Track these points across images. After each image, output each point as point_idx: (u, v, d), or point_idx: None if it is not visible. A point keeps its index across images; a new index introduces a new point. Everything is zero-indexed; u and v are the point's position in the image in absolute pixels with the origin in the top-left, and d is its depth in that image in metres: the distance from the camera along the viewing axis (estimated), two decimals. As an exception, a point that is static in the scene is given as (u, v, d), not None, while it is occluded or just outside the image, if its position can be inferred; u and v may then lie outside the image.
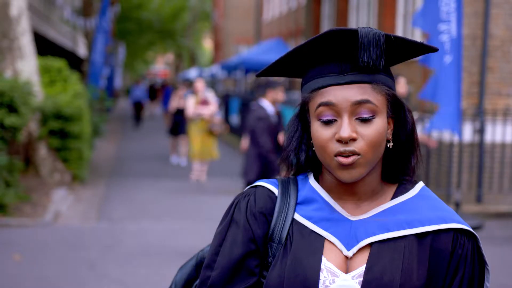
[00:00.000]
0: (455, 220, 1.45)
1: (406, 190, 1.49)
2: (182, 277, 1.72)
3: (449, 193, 9.26)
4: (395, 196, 1.48)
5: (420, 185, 1.51)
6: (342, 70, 1.41)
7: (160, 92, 30.70)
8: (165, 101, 26.91)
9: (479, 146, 9.69)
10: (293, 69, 1.51)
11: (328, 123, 1.40)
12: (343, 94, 1.39)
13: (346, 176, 1.40)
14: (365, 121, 1.39)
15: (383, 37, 1.39)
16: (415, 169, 1.51)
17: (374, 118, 1.39)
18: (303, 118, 1.49)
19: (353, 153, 1.38)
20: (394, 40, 1.41)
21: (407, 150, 1.49)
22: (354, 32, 1.39)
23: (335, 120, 1.40)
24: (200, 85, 11.43)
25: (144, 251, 6.89)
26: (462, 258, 1.43)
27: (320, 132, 1.40)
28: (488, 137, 9.73)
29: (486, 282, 1.45)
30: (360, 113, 1.39)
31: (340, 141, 1.38)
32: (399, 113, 1.46)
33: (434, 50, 1.46)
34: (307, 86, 1.46)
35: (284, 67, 1.51)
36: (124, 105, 38.09)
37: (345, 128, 1.37)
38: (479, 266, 1.45)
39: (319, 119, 1.41)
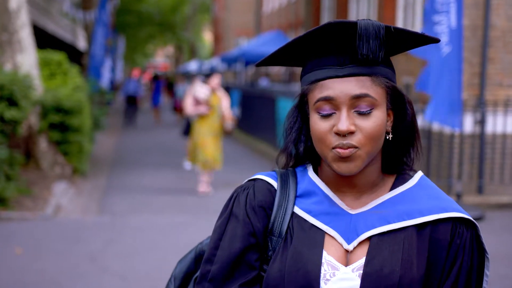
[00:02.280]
0: (455, 209, 1.45)
1: (405, 180, 1.49)
2: (181, 270, 1.71)
3: (450, 184, 9.25)
4: (394, 186, 1.48)
5: (419, 174, 1.50)
6: (341, 63, 1.40)
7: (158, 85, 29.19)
8: (155, 96, 24.68)
9: (480, 137, 9.68)
10: (293, 59, 1.50)
11: (327, 115, 1.39)
12: (342, 88, 1.38)
13: (344, 169, 1.39)
14: (363, 114, 1.38)
15: (383, 29, 1.38)
16: (414, 160, 1.51)
17: (373, 111, 1.39)
18: (302, 109, 1.48)
19: (352, 146, 1.37)
20: (394, 32, 1.40)
21: (407, 142, 1.48)
22: (353, 24, 1.38)
23: (334, 113, 1.39)
24: (217, 81, 9.65)
25: (145, 244, 6.89)
26: (461, 247, 1.43)
27: (318, 125, 1.40)
28: (489, 128, 9.71)
29: (486, 270, 1.45)
30: (358, 106, 1.38)
31: (338, 134, 1.38)
32: (399, 105, 1.46)
33: (436, 40, 1.44)
34: (306, 77, 1.45)
35: (284, 57, 1.50)
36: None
37: (343, 121, 1.37)
38: (479, 255, 1.45)
39: (318, 113, 1.40)
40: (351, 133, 1.37)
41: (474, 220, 1.45)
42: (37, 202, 8.49)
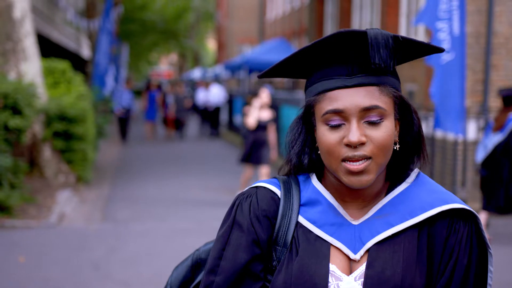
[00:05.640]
0: (455, 200, 1.43)
1: (402, 179, 1.47)
2: (177, 278, 1.68)
3: (454, 191, 9.23)
4: (391, 187, 1.46)
5: (416, 172, 1.48)
6: (350, 73, 1.38)
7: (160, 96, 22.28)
8: (149, 107, 20.73)
9: (484, 144, 9.65)
10: (298, 70, 1.48)
11: (336, 127, 1.37)
12: (351, 100, 1.36)
13: (356, 182, 1.37)
14: (374, 124, 1.37)
15: (391, 38, 1.37)
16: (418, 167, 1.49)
17: (383, 121, 1.37)
18: (307, 120, 1.45)
19: (364, 157, 1.36)
20: (402, 41, 1.39)
21: (413, 152, 1.46)
22: (363, 33, 1.37)
23: (343, 124, 1.37)
24: None
25: (149, 251, 6.89)
26: (457, 243, 1.40)
27: (327, 136, 1.38)
28: (493, 135, 9.69)
29: (489, 267, 1.41)
30: (368, 117, 1.37)
31: (349, 145, 1.36)
32: (406, 114, 1.44)
33: (441, 50, 1.43)
34: (312, 88, 1.43)
35: (289, 68, 1.48)
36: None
37: (354, 132, 1.35)
38: (479, 250, 1.42)
39: (327, 124, 1.38)
40: (362, 144, 1.36)
41: (474, 212, 1.42)
42: (41, 210, 8.50)
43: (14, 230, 7.70)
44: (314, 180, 1.48)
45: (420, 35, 11.96)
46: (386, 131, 1.37)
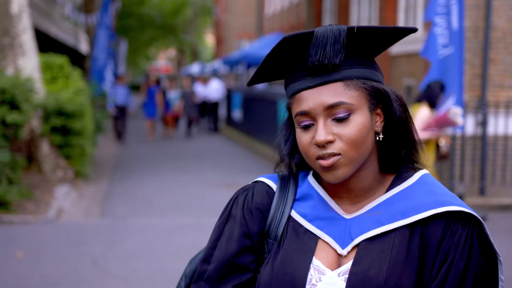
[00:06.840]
0: (454, 203, 1.38)
1: (404, 179, 1.45)
2: (191, 269, 1.72)
3: (452, 186, 9.25)
4: (391, 186, 1.44)
5: (421, 172, 1.46)
6: (311, 73, 1.39)
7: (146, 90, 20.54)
8: (148, 103, 19.62)
9: (482, 139, 9.67)
10: (276, 75, 1.50)
11: (307, 127, 1.39)
12: (316, 99, 1.37)
13: (331, 177, 1.38)
14: (341, 121, 1.36)
15: (344, 31, 1.36)
16: (415, 158, 1.46)
17: (351, 116, 1.36)
18: (291, 121, 1.48)
19: (332, 154, 1.36)
20: (360, 31, 1.37)
21: (401, 139, 1.44)
22: (311, 33, 1.37)
23: (313, 124, 1.39)
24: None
25: (147, 247, 6.89)
26: (452, 247, 1.36)
27: (301, 137, 1.40)
28: (491, 129, 9.71)
29: (500, 275, 1.38)
30: (335, 114, 1.36)
31: (318, 145, 1.37)
32: (386, 103, 1.42)
33: (413, 30, 1.41)
34: (286, 91, 1.46)
35: (268, 74, 1.49)
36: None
37: (320, 132, 1.36)
38: (483, 256, 1.39)
39: (299, 125, 1.41)
40: (331, 142, 1.36)
41: (478, 216, 1.37)
42: (39, 206, 8.50)
43: (12, 226, 7.70)
44: (310, 176, 1.51)
45: (419, 30, 11.96)
46: (355, 126, 1.36)
